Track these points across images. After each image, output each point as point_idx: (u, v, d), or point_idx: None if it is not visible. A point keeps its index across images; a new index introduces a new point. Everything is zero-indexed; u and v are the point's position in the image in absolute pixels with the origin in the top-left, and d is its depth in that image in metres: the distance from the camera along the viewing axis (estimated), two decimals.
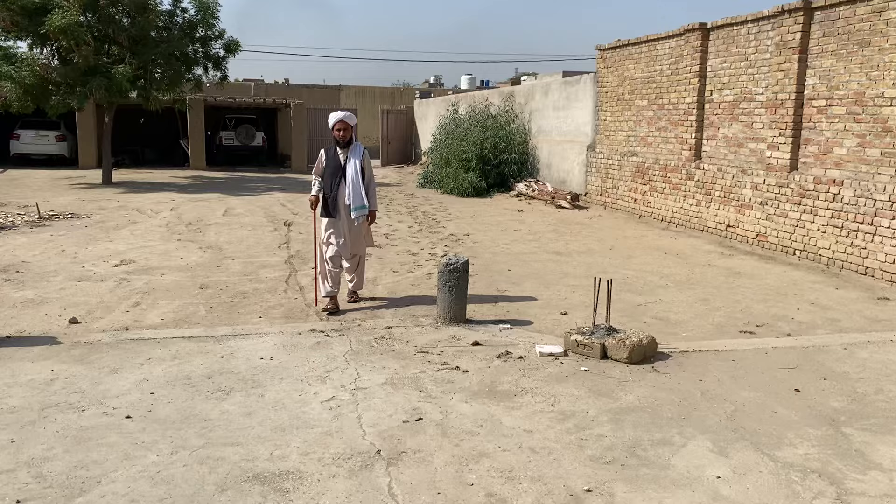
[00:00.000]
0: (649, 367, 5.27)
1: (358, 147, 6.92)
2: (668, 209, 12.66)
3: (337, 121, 6.84)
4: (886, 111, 8.40)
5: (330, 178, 6.84)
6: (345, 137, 6.82)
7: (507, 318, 6.56)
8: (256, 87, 33.24)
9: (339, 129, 6.83)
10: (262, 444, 3.93)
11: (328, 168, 6.87)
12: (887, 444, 4.06)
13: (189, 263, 8.86)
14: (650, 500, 3.41)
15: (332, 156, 6.90)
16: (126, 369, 5.06)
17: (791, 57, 9.78)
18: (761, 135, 10.48)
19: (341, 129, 6.82)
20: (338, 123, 6.83)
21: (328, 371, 5.09)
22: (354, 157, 6.83)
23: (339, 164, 6.84)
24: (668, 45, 12.74)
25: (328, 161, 6.91)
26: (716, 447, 3.98)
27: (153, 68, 18.16)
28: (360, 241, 7.02)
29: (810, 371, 5.27)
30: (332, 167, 6.85)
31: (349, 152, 6.85)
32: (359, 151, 6.88)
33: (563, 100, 16.64)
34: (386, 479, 3.57)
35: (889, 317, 6.90)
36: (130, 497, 3.36)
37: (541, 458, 3.81)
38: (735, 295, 7.67)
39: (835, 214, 9.07)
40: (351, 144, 6.87)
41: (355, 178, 6.76)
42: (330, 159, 6.90)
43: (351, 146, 6.86)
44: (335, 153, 6.90)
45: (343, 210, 6.81)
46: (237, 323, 6.34)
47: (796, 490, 3.52)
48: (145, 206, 14.48)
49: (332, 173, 6.84)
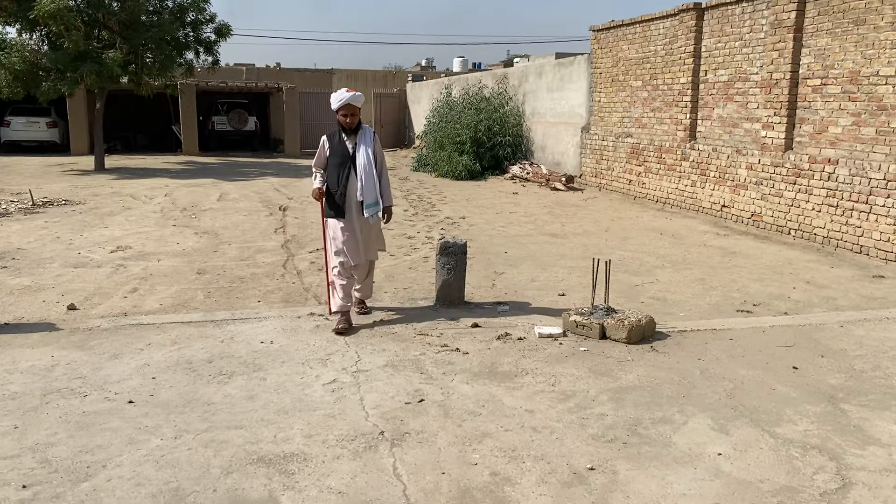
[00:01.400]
0: (648, 346, 5.31)
1: (367, 132, 5.88)
2: (663, 190, 12.68)
3: (342, 104, 5.71)
4: (882, 90, 8.41)
5: (336, 171, 5.78)
6: (352, 123, 5.76)
7: (505, 299, 6.58)
8: (248, 72, 33.01)
9: (344, 113, 5.74)
10: (265, 426, 3.95)
11: (333, 158, 5.81)
12: (885, 419, 4.11)
13: (185, 249, 8.84)
14: (653, 477, 3.45)
15: (338, 144, 5.81)
16: (126, 355, 5.06)
17: (786, 36, 9.77)
18: (756, 114, 10.48)
19: (347, 114, 5.74)
20: (343, 107, 5.73)
21: (329, 354, 5.10)
22: (365, 145, 5.77)
23: (346, 153, 5.77)
24: (662, 25, 12.70)
25: (333, 150, 5.82)
26: (716, 425, 4.02)
27: (144, 53, 18.02)
28: (373, 244, 6.02)
29: (808, 349, 5.31)
30: (338, 157, 5.79)
31: (358, 139, 5.80)
32: (369, 137, 5.84)
33: (557, 81, 16.59)
34: (390, 459, 3.59)
35: (884, 294, 6.95)
36: (136, 481, 3.37)
37: (543, 438, 3.84)
38: (731, 275, 7.70)
39: (830, 193, 9.10)
40: (359, 130, 5.82)
41: (368, 168, 5.72)
42: (335, 148, 5.82)
43: (359, 132, 5.82)
44: (341, 140, 5.81)
45: (354, 208, 5.78)
46: (236, 307, 6.34)
47: (797, 466, 3.56)
48: (139, 192, 14.41)
49: (339, 164, 5.77)
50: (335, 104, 5.75)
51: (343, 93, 5.71)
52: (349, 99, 5.70)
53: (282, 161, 23.07)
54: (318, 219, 11.55)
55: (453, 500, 3.23)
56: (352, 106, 5.74)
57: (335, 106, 5.76)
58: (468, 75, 23.22)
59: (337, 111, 5.80)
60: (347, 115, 5.74)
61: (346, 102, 5.70)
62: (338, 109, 5.77)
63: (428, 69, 46.15)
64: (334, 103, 5.75)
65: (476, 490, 3.32)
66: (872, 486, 3.37)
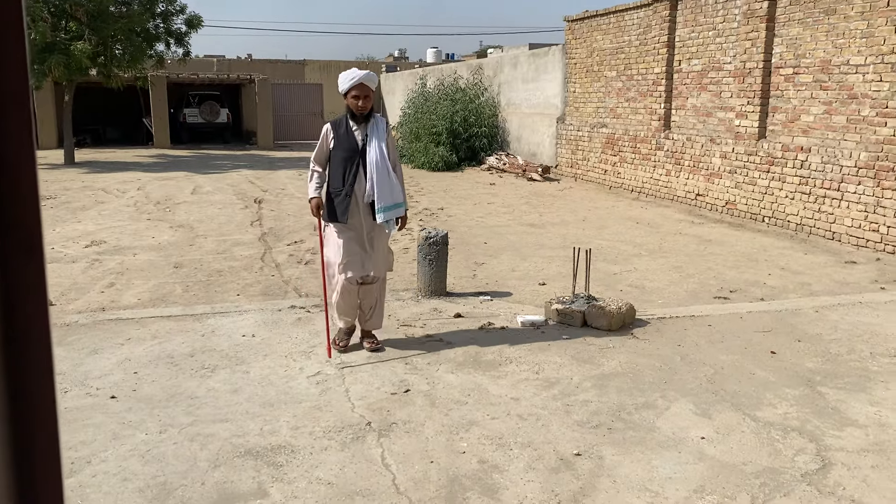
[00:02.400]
0: (629, 333, 5.36)
1: (380, 122, 4.93)
2: (639, 179, 12.78)
3: (354, 83, 4.73)
4: (852, 78, 8.55)
5: (342, 167, 4.83)
6: (365, 108, 4.80)
7: (486, 289, 6.60)
8: (219, 64, 32.64)
9: (355, 95, 4.76)
10: (251, 419, 3.93)
11: (339, 152, 4.84)
12: (861, 401, 4.20)
13: (161, 242, 8.75)
14: (638, 461, 3.50)
15: (345, 134, 4.87)
16: (106, 350, 5.01)
17: (758, 26, 9.88)
18: (730, 104, 10.60)
19: (360, 96, 4.76)
20: (355, 88, 4.74)
21: (312, 346, 5.09)
22: (377, 137, 4.82)
23: (355, 145, 4.83)
24: (636, 15, 12.78)
25: (339, 142, 4.85)
26: (698, 409, 4.08)
27: (113, 45, 17.75)
28: (381, 258, 4.98)
29: (784, 334, 5.40)
30: (345, 150, 4.83)
31: (369, 129, 4.85)
32: (382, 128, 4.88)
33: (532, 72, 16.63)
34: (378, 449, 3.60)
35: (857, 279, 7.09)
36: (122, 476, 3.34)
37: (529, 425, 3.87)
38: (707, 262, 7.80)
39: (802, 181, 9.24)
40: (371, 118, 4.88)
41: (381, 165, 4.77)
42: (341, 139, 4.85)
43: (371, 120, 4.88)
44: (348, 130, 4.87)
45: (363, 211, 4.85)
46: (215, 301, 6.29)
47: (778, 448, 3.63)
48: (111, 186, 14.21)
49: (346, 159, 4.82)
50: (344, 85, 4.78)
51: (354, 71, 4.79)
52: (362, 77, 4.75)
53: (255, 153, 22.87)
54: (296, 211, 11.54)
55: (442, 489, 3.25)
56: (365, 87, 4.77)
57: (344, 87, 4.79)
58: (443, 66, 23.19)
59: (346, 94, 4.82)
60: (360, 98, 4.77)
61: (358, 81, 4.73)
62: (347, 91, 4.79)
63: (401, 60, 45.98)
64: (343, 84, 4.79)
65: (464, 478, 3.34)
66: (851, 466, 3.45)
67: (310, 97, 28.96)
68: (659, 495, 3.20)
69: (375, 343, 5.05)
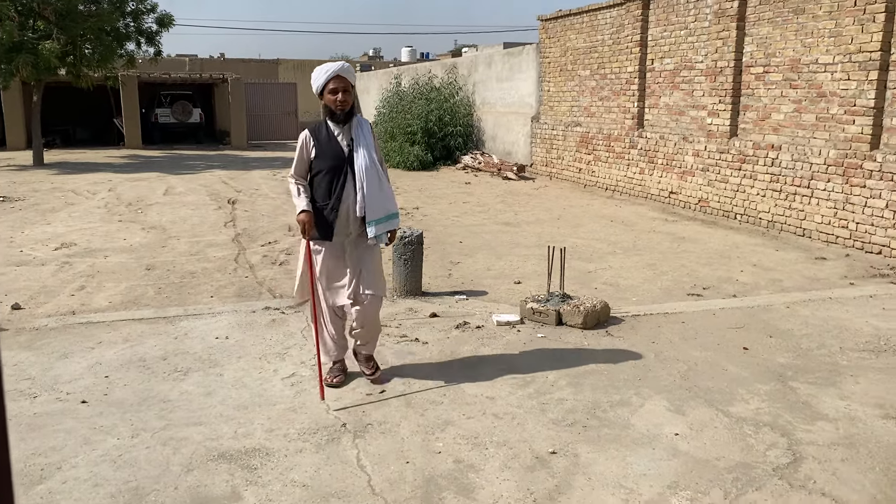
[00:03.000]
0: (603, 331, 5.39)
1: (363, 124, 4.32)
2: (613, 178, 12.86)
3: (331, 76, 4.16)
4: (821, 77, 8.67)
5: (327, 178, 4.20)
6: (345, 105, 4.19)
7: (462, 289, 6.60)
8: (191, 63, 32.33)
9: (333, 88, 4.16)
10: (225, 422, 3.89)
11: (323, 161, 4.20)
12: (831, 395, 4.26)
13: (133, 244, 8.64)
14: (613, 458, 3.51)
15: (327, 140, 4.22)
16: (76, 354, 4.93)
17: (729, 25, 9.99)
18: (702, 102, 10.70)
19: (339, 89, 4.16)
20: (332, 80, 4.16)
21: (286, 348, 5.05)
22: (363, 141, 4.23)
23: (340, 152, 4.20)
24: (609, 14, 12.86)
25: (321, 150, 4.21)
26: (672, 406, 4.11)
27: (82, 44, 17.47)
28: (376, 275, 4.36)
29: (756, 330, 5.46)
30: (329, 159, 4.19)
31: (353, 131, 4.24)
32: (367, 130, 4.31)
33: (507, 71, 16.66)
34: (354, 451, 3.58)
35: (827, 275, 7.19)
36: (93, 482, 3.29)
37: (505, 424, 3.88)
38: (681, 259, 7.87)
39: (773, 179, 9.36)
40: (353, 118, 4.28)
41: (371, 173, 4.18)
42: (324, 147, 4.21)
43: (353, 120, 4.27)
44: (330, 135, 4.23)
45: (353, 227, 4.26)
46: (188, 303, 6.22)
47: (750, 443, 3.67)
48: (81, 188, 14.00)
49: (331, 169, 4.19)
50: (320, 80, 4.19)
51: (329, 64, 4.22)
52: (338, 69, 4.17)
53: (228, 153, 22.67)
54: (270, 211, 11.45)
55: (418, 489, 3.25)
56: (343, 79, 4.18)
57: (320, 82, 4.19)
58: (417, 65, 23.16)
59: (322, 91, 4.22)
60: (339, 91, 4.15)
61: (334, 73, 4.15)
62: (323, 87, 4.19)
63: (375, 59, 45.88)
64: (318, 79, 4.20)
65: (440, 478, 3.33)
66: (822, 460, 3.50)
67: (284, 96, 28.77)
68: (633, 492, 3.22)
69: (375, 370, 4.47)
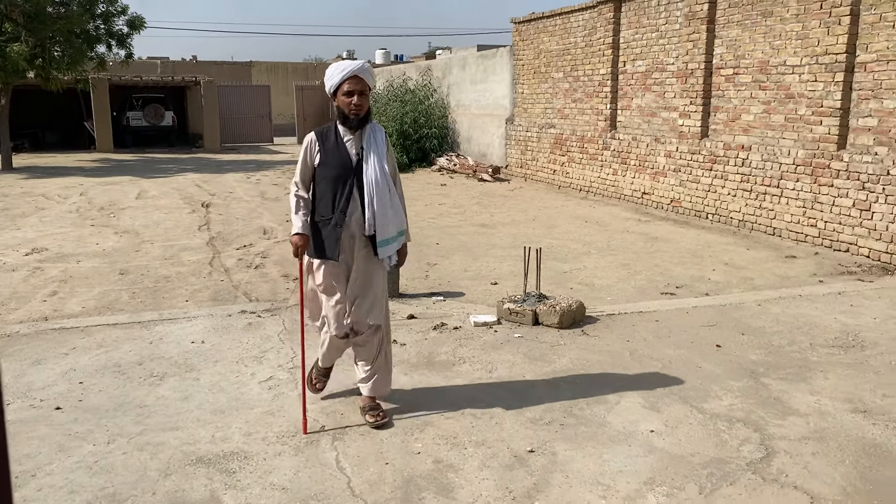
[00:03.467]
0: (579, 330, 5.45)
1: (378, 131, 3.90)
2: (586, 179, 12.97)
3: (346, 76, 3.75)
4: (789, 79, 8.83)
5: (331, 189, 3.80)
6: (360, 109, 3.77)
7: (439, 290, 6.62)
8: (163, 66, 32.01)
9: (349, 90, 3.75)
10: (202, 427, 3.88)
11: (328, 169, 3.81)
12: (802, 391, 4.35)
13: (106, 249, 8.54)
14: (590, 456, 3.56)
15: (334, 146, 3.83)
16: (50, 360, 4.87)
17: (699, 27, 10.13)
18: (673, 104, 10.84)
19: (354, 92, 3.75)
20: (348, 81, 3.75)
21: (263, 351, 5.04)
22: (375, 150, 3.83)
23: (347, 161, 3.81)
24: (581, 17, 12.97)
25: (327, 156, 3.82)
26: (647, 403, 4.17)
27: (51, 46, 17.25)
28: (380, 300, 3.95)
29: (729, 327, 5.55)
30: (334, 167, 3.80)
31: (365, 139, 3.84)
32: (381, 139, 3.88)
33: (481, 73, 16.73)
34: (333, 453, 3.59)
35: (797, 273, 7.32)
36: (69, 489, 3.26)
37: (483, 423, 3.90)
38: (654, 259, 7.96)
39: (744, 179, 9.50)
40: (367, 124, 3.85)
41: (381, 186, 3.79)
42: (330, 153, 3.82)
43: (367, 127, 3.85)
44: (338, 141, 3.84)
45: (358, 245, 3.84)
46: (163, 308, 6.17)
47: (724, 438, 3.74)
48: (52, 192, 13.81)
49: (336, 179, 3.79)
50: (334, 79, 3.78)
51: (346, 62, 3.82)
52: (356, 69, 3.76)
53: (201, 156, 22.49)
54: (244, 214, 11.37)
55: (398, 490, 3.26)
56: (360, 80, 3.76)
57: (334, 81, 3.78)
58: (391, 67, 23.15)
59: (335, 92, 3.80)
60: (354, 93, 3.74)
61: (351, 73, 3.74)
62: (337, 87, 3.78)
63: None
64: (333, 78, 3.79)
65: (420, 478, 3.35)
66: (793, 454, 3.57)
67: (257, 99, 28.57)
68: (610, 488, 3.27)
69: (379, 413, 3.90)
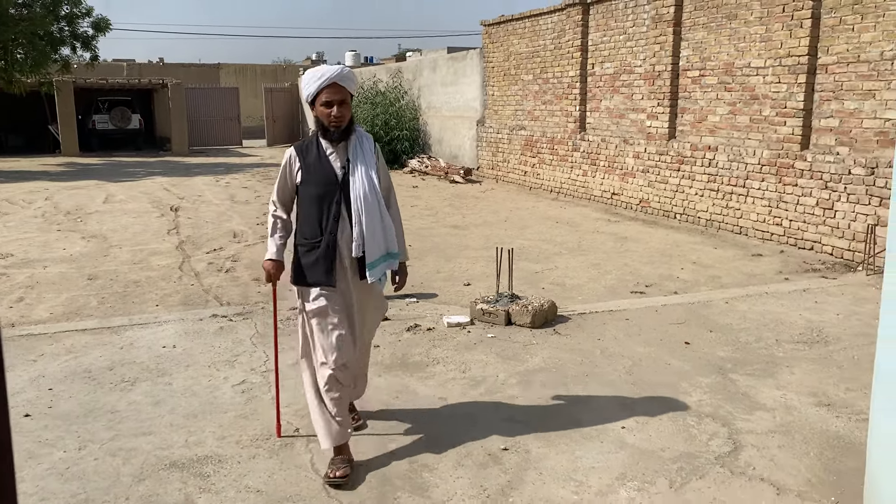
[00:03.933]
0: (551, 330, 5.50)
1: (364, 139, 3.54)
2: (557, 180, 13.08)
3: (324, 84, 3.36)
4: (753, 80, 9.00)
5: (316, 208, 3.43)
6: (341, 120, 3.39)
7: (412, 291, 6.64)
8: (129, 68, 31.59)
9: (327, 100, 3.37)
10: (175, 431, 3.85)
11: (311, 187, 3.44)
12: (769, 386, 4.44)
13: (73, 254, 8.43)
14: (563, 453, 3.61)
15: (317, 161, 3.45)
16: (18, 367, 4.80)
17: (666, 30, 10.27)
18: (641, 105, 10.98)
19: (334, 101, 3.37)
20: (326, 90, 3.37)
21: (236, 355, 5.02)
22: (362, 161, 3.46)
23: (332, 175, 3.44)
24: (550, 19, 13.08)
25: (309, 173, 3.45)
26: (618, 400, 4.23)
27: (14, 48, 16.99)
28: (372, 320, 3.76)
29: (697, 325, 5.65)
30: (318, 185, 3.43)
31: (351, 150, 3.47)
32: (368, 148, 3.52)
33: (452, 75, 16.78)
34: (308, 455, 3.59)
35: (763, 271, 7.47)
36: (40, 496, 3.23)
37: (457, 423, 3.93)
38: (624, 258, 8.06)
39: (711, 179, 9.66)
40: (352, 133, 3.47)
41: (370, 201, 3.41)
42: (313, 169, 3.45)
43: (352, 137, 3.48)
44: (320, 155, 3.46)
45: (349, 267, 3.47)
46: (133, 312, 6.11)
47: (693, 433, 3.81)
48: (16, 197, 13.57)
49: (321, 197, 3.42)
50: (311, 87, 3.39)
51: (324, 68, 3.41)
52: (335, 75, 3.37)
53: (169, 160, 22.24)
54: (214, 218, 11.27)
55: (373, 490, 3.28)
56: (340, 87, 3.38)
57: (311, 90, 3.40)
58: (362, 69, 23.10)
59: (313, 101, 3.42)
60: (333, 104, 3.37)
61: (329, 81, 3.36)
62: (315, 96, 3.40)
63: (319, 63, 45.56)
64: (309, 86, 3.40)
65: (396, 478, 3.37)
66: (760, 447, 3.65)
67: (225, 101, 28.32)
68: (583, 484, 3.31)
69: (356, 419, 3.89)
